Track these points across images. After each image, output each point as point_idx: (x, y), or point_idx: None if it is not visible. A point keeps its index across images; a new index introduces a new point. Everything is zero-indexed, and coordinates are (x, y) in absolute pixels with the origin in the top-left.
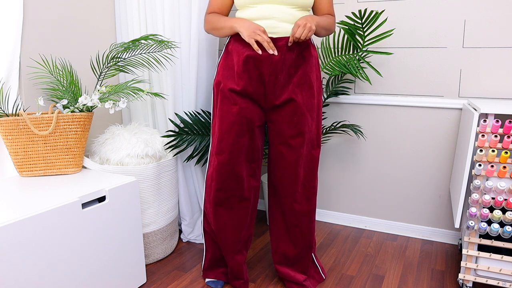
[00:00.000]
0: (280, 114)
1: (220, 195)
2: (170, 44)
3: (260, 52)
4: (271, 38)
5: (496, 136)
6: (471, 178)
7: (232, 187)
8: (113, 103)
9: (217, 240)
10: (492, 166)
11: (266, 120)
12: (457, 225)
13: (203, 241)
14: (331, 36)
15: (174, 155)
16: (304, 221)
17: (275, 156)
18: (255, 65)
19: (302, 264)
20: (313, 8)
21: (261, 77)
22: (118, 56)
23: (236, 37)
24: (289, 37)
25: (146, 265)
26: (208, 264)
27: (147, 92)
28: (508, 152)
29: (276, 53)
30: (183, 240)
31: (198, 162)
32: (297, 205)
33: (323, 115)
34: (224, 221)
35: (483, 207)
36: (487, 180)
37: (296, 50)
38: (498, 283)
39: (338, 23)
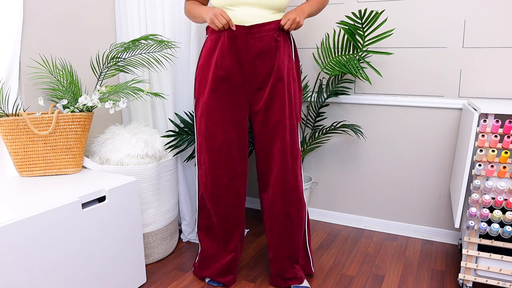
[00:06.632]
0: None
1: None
2: (170, 44)
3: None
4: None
5: (496, 136)
6: (471, 178)
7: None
8: (113, 103)
9: (218, 221)
10: (492, 166)
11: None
12: (457, 225)
13: (198, 241)
14: (331, 36)
15: (174, 155)
16: (294, 201)
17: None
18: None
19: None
20: None
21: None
22: (118, 56)
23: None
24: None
25: (146, 265)
26: (205, 262)
27: (147, 92)
28: (508, 152)
29: (234, 28)
30: (183, 240)
31: None
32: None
33: (323, 115)
34: (221, 193)
35: (483, 207)
36: (487, 180)
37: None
38: (498, 283)
39: (338, 23)
